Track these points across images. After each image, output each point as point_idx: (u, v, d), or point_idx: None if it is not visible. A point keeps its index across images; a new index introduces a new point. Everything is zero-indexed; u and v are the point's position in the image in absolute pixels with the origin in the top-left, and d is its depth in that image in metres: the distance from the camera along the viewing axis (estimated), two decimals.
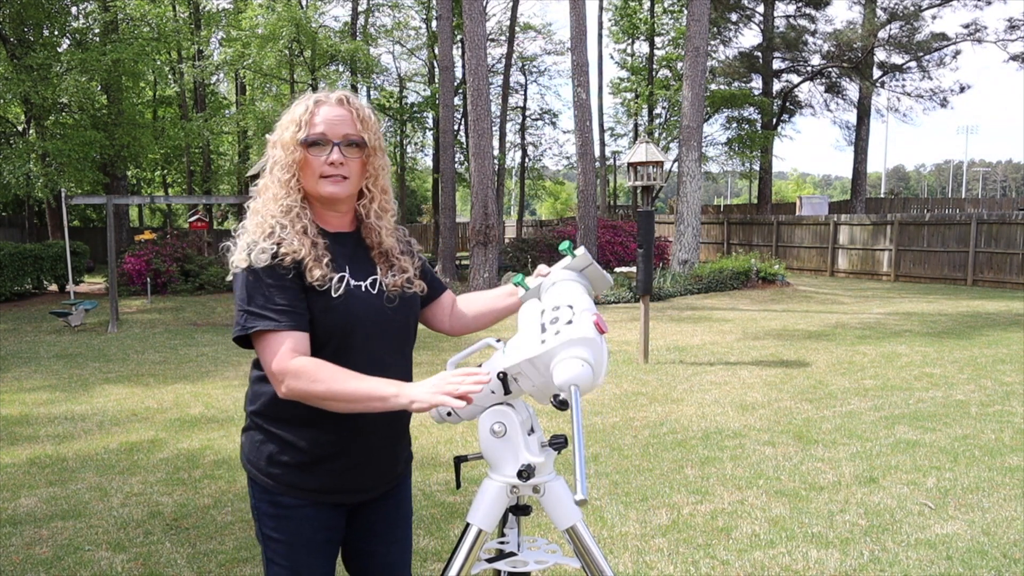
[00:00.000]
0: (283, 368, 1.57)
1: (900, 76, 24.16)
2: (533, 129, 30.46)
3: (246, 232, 1.69)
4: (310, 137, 1.67)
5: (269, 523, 1.74)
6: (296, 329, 1.61)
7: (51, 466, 4.87)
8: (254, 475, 1.76)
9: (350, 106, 1.70)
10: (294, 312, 1.62)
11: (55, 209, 18.13)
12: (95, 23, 18.58)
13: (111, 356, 9.10)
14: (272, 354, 1.58)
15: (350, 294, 1.69)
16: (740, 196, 64.46)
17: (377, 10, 26.13)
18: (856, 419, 5.75)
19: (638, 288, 8.09)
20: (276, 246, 1.62)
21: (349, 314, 1.67)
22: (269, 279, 1.61)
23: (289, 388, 1.57)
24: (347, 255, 1.73)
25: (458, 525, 3.74)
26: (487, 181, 14.26)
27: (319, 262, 1.65)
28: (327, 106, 1.69)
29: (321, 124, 1.67)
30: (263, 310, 1.60)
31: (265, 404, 1.73)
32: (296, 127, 1.68)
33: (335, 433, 1.71)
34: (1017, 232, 16.04)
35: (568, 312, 1.50)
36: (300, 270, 1.63)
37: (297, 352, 1.59)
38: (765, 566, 3.34)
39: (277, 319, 1.59)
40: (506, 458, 1.61)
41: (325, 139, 1.67)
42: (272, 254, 1.62)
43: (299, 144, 1.67)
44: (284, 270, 1.62)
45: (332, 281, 1.66)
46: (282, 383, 1.58)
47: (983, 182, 78.11)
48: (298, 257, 1.63)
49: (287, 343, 1.58)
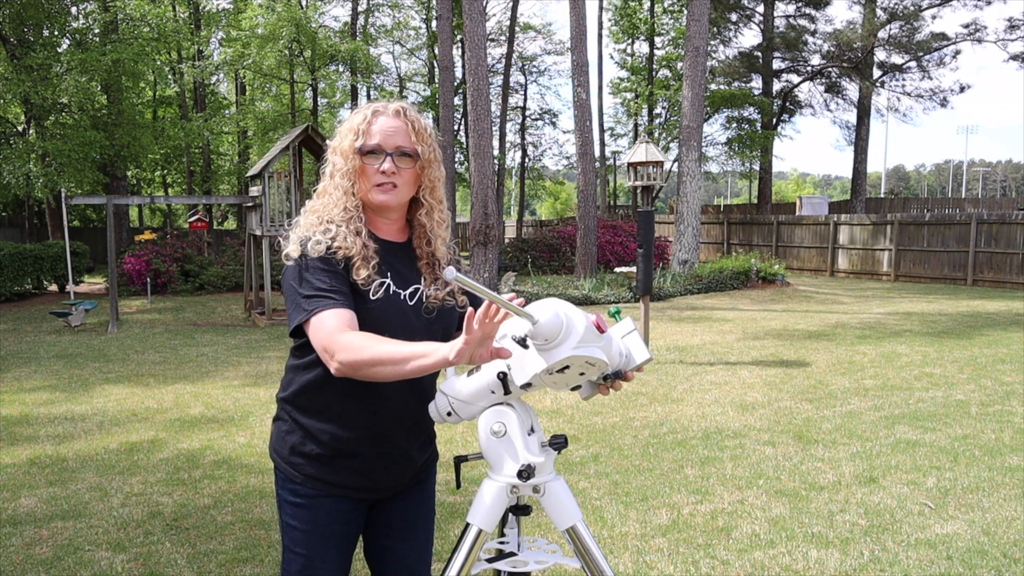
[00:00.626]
0: (333, 342, 1.60)
1: (900, 76, 24.16)
2: (533, 129, 30.48)
3: (299, 227, 1.76)
4: (366, 147, 1.74)
5: (289, 510, 1.82)
6: (345, 307, 1.66)
7: (51, 466, 4.87)
8: (279, 463, 1.84)
9: (406, 118, 1.77)
10: (345, 293, 1.68)
11: (55, 209, 18.13)
12: (95, 23, 18.58)
13: (111, 356, 9.10)
14: (322, 330, 1.62)
15: (388, 299, 1.74)
16: (740, 196, 64.46)
17: (377, 10, 26.14)
18: (856, 419, 5.75)
19: (638, 288, 8.09)
20: (331, 240, 1.70)
21: (382, 319, 1.71)
22: (322, 266, 1.68)
23: (340, 361, 1.59)
24: (393, 263, 1.79)
25: (458, 525, 3.74)
26: (487, 181, 14.27)
27: (366, 262, 1.71)
28: (384, 117, 1.76)
29: (377, 135, 1.74)
30: (317, 292, 1.66)
31: (295, 392, 1.81)
32: (354, 136, 1.75)
33: (355, 431, 1.77)
34: (1017, 232, 16.04)
35: None
36: (348, 266, 1.70)
37: (346, 327, 1.63)
38: (765, 566, 3.34)
39: (332, 298, 1.65)
40: (506, 458, 1.61)
41: (379, 149, 1.74)
42: (326, 246, 1.69)
43: (356, 152, 1.75)
44: (337, 262, 1.69)
45: (373, 284, 1.72)
46: (333, 357, 1.60)
47: (983, 182, 78.10)
48: (348, 254, 1.70)
49: (338, 320, 1.63)
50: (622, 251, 19.13)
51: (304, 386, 1.78)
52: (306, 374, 1.78)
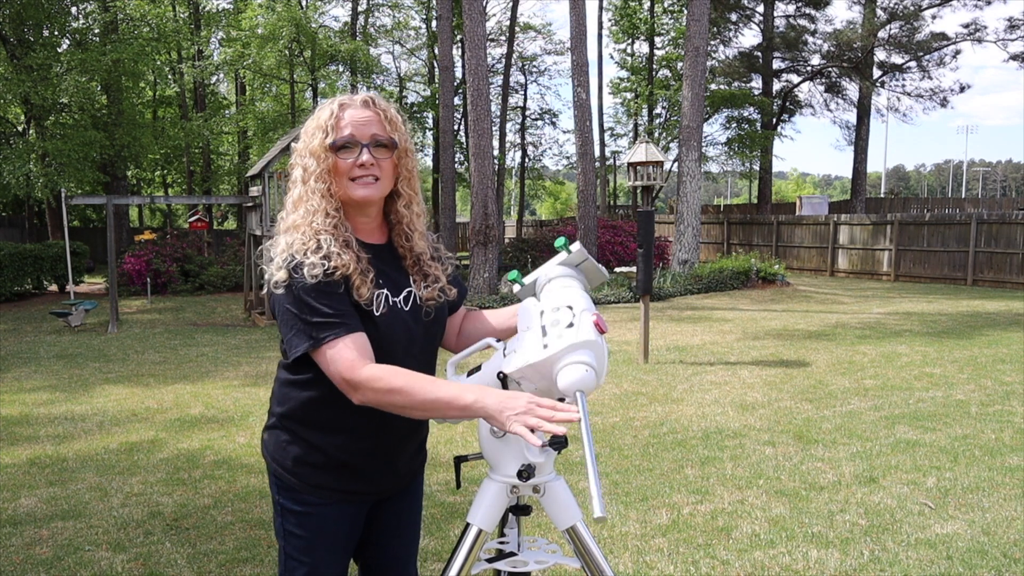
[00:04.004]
0: (356, 378, 1.54)
1: (900, 76, 24.15)
2: (533, 129, 30.46)
3: (279, 246, 1.65)
4: (338, 141, 1.64)
5: (292, 519, 1.76)
6: (356, 331, 1.59)
7: (51, 466, 4.87)
8: (279, 472, 1.77)
9: (376, 107, 1.68)
10: (352, 315, 1.60)
11: (55, 209, 18.13)
12: (95, 23, 18.57)
13: (111, 356, 9.10)
14: (342, 362, 1.56)
15: (391, 312, 1.68)
16: (740, 196, 64.45)
17: (377, 10, 26.12)
18: (856, 419, 5.75)
19: (638, 288, 8.09)
20: (326, 260, 1.60)
21: (390, 333, 1.67)
22: (323, 290, 1.58)
23: (365, 398, 1.55)
24: (384, 269, 1.72)
25: (458, 525, 3.74)
26: (487, 181, 14.26)
27: (364, 279, 1.63)
28: (352, 108, 1.66)
29: (348, 127, 1.64)
30: (325, 318, 1.57)
31: (295, 409, 1.73)
32: (323, 133, 1.64)
33: (363, 440, 1.73)
34: (1017, 232, 16.04)
35: (568, 314, 1.50)
36: (348, 286, 1.62)
37: (364, 358, 1.57)
38: (765, 566, 3.34)
39: (339, 325, 1.57)
40: (506, 458, 1.61)
41: (354, 141, 1.64)
42: (324, 270, 1.59)
43: (328, 149, 1.64)
44: (336, 284, 1.60)
45: (374, 298, 1.65)
46: (356, 391, 1.55)
47: (983, 182, 78.10)
48: (347, 272, 1.61)
49: (353, 350, 1.56)
50: (622, 251, 19.12)
51: (305, 403, 1.72)
52: (305, 391, 1.71)
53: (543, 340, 1.48)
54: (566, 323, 1.47)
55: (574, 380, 1.39)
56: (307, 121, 1.71)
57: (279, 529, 1.79)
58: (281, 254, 1.63)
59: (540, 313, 1.57)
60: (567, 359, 1.42)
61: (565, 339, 1.43)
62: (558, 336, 1.45)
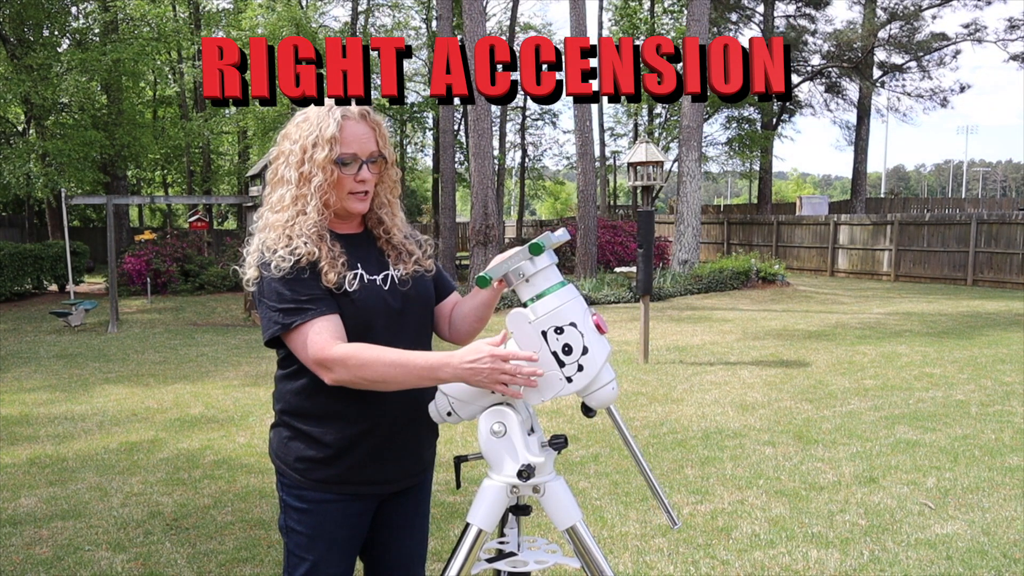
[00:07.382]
0: (327, 357, 1.61)
1: (900, 76, 24.16)
2: (533, 129, 30.47)
3: (250, 245, 1.74)
4: (344, 157, 1.71)
5: (294, 515, 1.80)
6: (327, 313, 1.66)
7: (51, 466, 4.87)
8: (282, 469, 1.82)
9: (371, 121, 1.76)
10: (322, 299, 1.67)
11: (55, 209, 18.13)
12: (95, 23, 18.58)
13: (111, 356, 9.10)
14: (312, 344, 1.62)
15: (365, 288, 1.74)
16: (740, 196, 64.43)
17: (377, 10, 26.13)
18: (856, 419, 5.75)
19: (638, 288, 8.09)
20: (293, 253, 1.67)
21: (367, 308, 1.72)
22: (291, 278, 1.66)
23: (336, 377, 1.61)
24: (359, 254, 1.78)
25: (458, 525, 3.74)
26: (487, 181, 14.26)
27: (333, 264, 1.69)
28: (352, 122, 1.73)
29: (352, 143, 1.72)
30: (293, 304, 1.65)
31: (289, 402, 1.79)
32: (329, 146, 1.70)
33: (359, 423, 1.76)
34: (1017, 232, 16.04)
35: (576, 335, 1.53)
36: (316, 271, 1.68)
37: (335, 338, 1.63)
38: (765, 566, 3.34)
39: (308, 309, 1.65)
40: (506, 458, 1.61)
41: (356, 158, 1.73)
42: (291, 262, 1.66)
43: (334, 164, 1.71)
44: (302, 270, 1.67)
45: (346, 279, 1.71)
46: (329, 371, 1.62)
47: (983, 182, 78.07)
48: (313, 258, 1.68)
49: (324, 332, 1.63)
50: (622, 251, 19.11)
51: (297, 394, 1.77)
52: (294, 383, 1.77)
53: (561, 372, 1.54)
54: (579, 349, 1.53)
55: (604, 400, 1.57)
56: (299, 122, 1.75)
57: (282, 525, 1.84)
58: (254, 252, 1.72)
59: (541, 333, 1.55)
60: (595, 385, 1.55)
61: (588, 371, 1.53)
62: (578, 368, 1.54)
